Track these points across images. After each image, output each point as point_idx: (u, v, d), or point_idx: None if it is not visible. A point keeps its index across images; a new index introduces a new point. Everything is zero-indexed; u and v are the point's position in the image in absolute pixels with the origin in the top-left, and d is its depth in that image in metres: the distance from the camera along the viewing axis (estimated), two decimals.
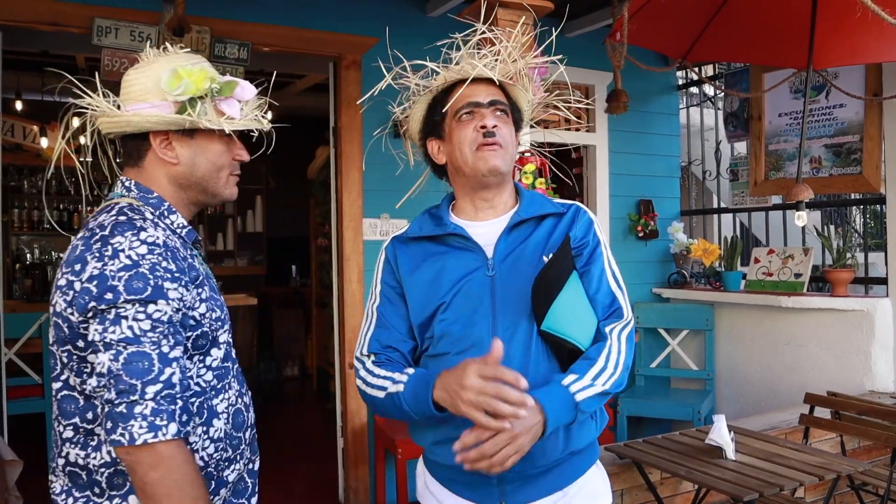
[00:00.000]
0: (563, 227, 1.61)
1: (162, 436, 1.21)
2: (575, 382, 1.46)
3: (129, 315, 1.24)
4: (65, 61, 5.45)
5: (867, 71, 3.92)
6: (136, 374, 1.22)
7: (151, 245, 1.29)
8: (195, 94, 1.38)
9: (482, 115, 1.58)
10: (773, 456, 2.54)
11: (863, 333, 3.85)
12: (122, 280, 1.25)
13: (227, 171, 1.49)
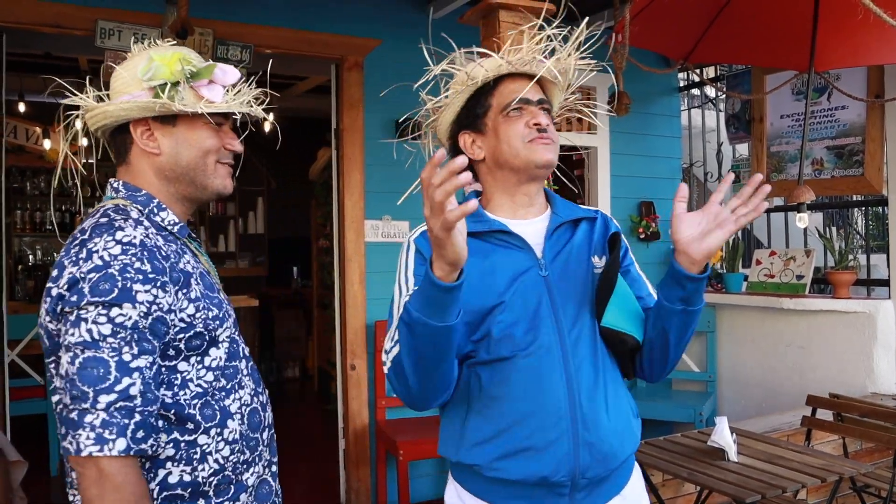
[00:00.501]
0: (600, 229, 1.61)
1: (108, 450, 1.14)
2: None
3: (90, 317, 1.18)
4: (68, 63, 5.47)
5: (869, 73, 3.92)
6: (90, 381, 1.15)
7: (126, 245, 1.23)
8: (169, 78, 1.33)
9: (532, 112, 1.53)
10: (776, 458, 2.54)
11: (865, 335, 3.85)
12: (89, 281, 1.19)
13: (213, 158, 1.41)
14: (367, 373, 4.01)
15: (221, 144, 1.42)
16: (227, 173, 1.45)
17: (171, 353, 1.28)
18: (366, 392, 4.00)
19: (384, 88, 3.98)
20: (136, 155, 1.39)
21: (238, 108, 1.40)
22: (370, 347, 4.01)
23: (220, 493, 1.31)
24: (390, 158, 4.08)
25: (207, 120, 1.38)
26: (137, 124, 1.36)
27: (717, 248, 1.38)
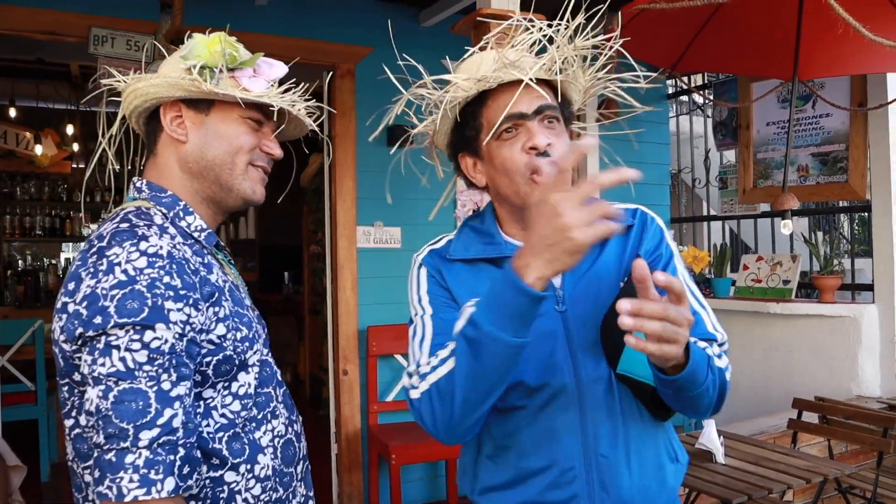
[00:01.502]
0: (634, 239, 1.32)
1: (156, 493, 1.01)
2: (699, 342, 1.20)
3: (122, 344, 1.03)
4: (59, 69, 5.48)
5: (852, 81, 3.99)
6: (129, 417, 1.01)
7: (153, 257, 1.09)
8: (206, 58, 1.20)
9: (529, 130, 1.25)
10: (762, 460, 2.58)
11: (850, 339, 3.91)
12: (114, 300, 1.04)
13: (244, 158, 1.25)
14: (359, 378, 4.03)
15: (257, 145, 1.27)
16: (258, 178, 1.29)
17: (197, 379, 1.14)
18: (358, 397, 4.03)
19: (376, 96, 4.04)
20: (164, 144, 1.26)
21: (278, 101, 1.24)
22: (362, 353, 4.04)
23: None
24: (382, 165, 4.13)
25: (243, 114, 1.24)
26: (168, 108, 1.23)
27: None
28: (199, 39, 1.22)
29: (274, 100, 1.24)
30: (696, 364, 1.10)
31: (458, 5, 3.88)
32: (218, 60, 1.20)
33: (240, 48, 1.25)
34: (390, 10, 4.18)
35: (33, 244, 7.52)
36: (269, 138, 1.29)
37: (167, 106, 1.23)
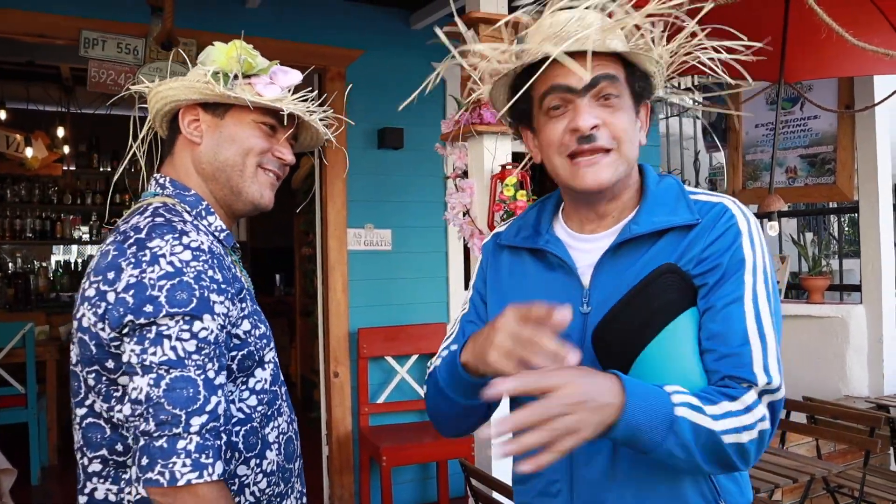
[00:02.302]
0: (688, 241, 1.13)
1: (208, 476, 1.04)
2: (680, 392, 1.01)
3: (173, 334, 1.07)
4: (50, 71, 5.47)
5: (840, 84, 4.03)
6: (181, 403, 1.04)
7: (196, 251, 1.13)
8: (223, 64, 1.24)
9: (576, 108, 1.11)
10: None
11: (838, 339, 3.94)
12: (163, 290, 1.08)
13: (254, 160, 1.28)
14: (350, 380, 4.04)
15: (269, 149, 1.30)
16: (268, 182, 1.31)
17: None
18: (349, 399, 4.03)
19: (367, 98, 4.05)
20: (180, 145, 1.30)
21: (291, 106, 1.27)
22: (353, 355, 4.04)
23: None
24: (373, 167, 4.15)
25: (257, 118, 1.27)
26: (187, 112, 1.28)
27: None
28: (218, 46, 1.26)
29: (285, 104, 1.26)
30: (631, 430, 0.95)
31: (448, 8, 3.88)
32: (233, 66, 1.24)
33: (257, 56, 1.28)
34: (381, 13, 4.20)
35: (24, 247, 7.48)
36: (283, 143, 1.32)
37: (186, 109, 1.28)
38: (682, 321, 1.10)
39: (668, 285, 1.10)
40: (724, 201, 1.16)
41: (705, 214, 1.14)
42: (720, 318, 1.08)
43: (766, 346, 1.07)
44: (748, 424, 1.02)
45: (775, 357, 1.07)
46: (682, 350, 1.09)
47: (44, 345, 4.95)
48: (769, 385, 1.05)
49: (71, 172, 7.30)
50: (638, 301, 1.10)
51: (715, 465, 1.03)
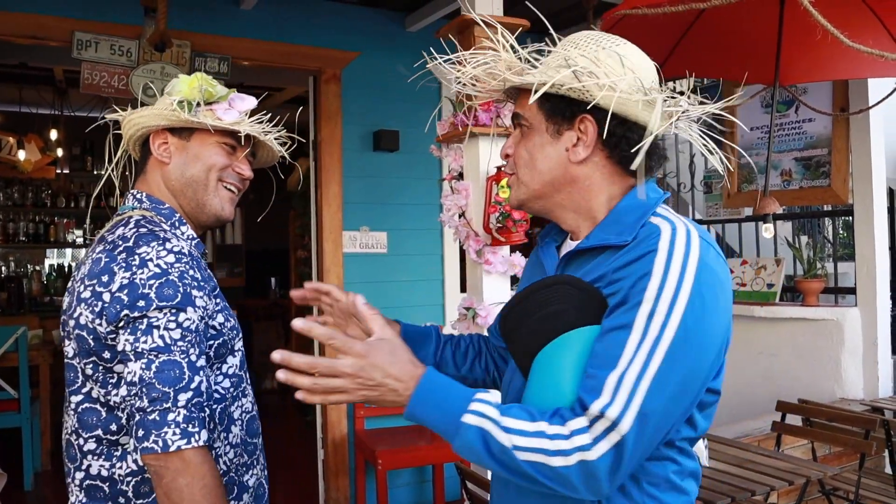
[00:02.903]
0: (614, 261, 1.13)
1: (195, 442, 1.23)
2: (487, 405, 1.06)
3: (161, 324, 1.26)
4: (43, 73, 5.45)
5: (834, 87, 4.03)
6: (169, 382, 1.23)
7: (178, 254, 1.32)
8: (186, 94, 1.44)
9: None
10: (746, 462, 2.60)
11: (833, 342, 3.94)
12: (152, 288, 1.27)
13: (216, 175, 1.48)
14: None
15: (229, 165, 1.50)
16: (228, 197, 1.51)
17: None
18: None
19: (361, 100, 4.05)
20: (151, 165, 1.49)
21: (247, 128, 1.47)
22: None
23: (226, 493, 1.38)
24: (368, 170, 4.14)
25: (219, 139, 1.47)
26: (157, 136, 1.47)
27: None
28: (182, 78, 1.47)
29: (241, 126, 1.47)
30: (414, 420, 1.08)
31: (444, 10, 3.89)
32: (195, 95, 1.44)
33: (216, 85, 1.48)
34: (376, 14, 4.19)
35: (17, 250, 7.45)
36: (242, 161, 1.52)
37: (155, 134, 1.48)
38: (577, 335, 1.10)
39: (561, 296, 1.13)
40: (665, 226, 1.11)
41: (643, 236, 1.12)
42: (603, 340, 1.07)
43: (624, 377, 1.02)
44: (562, 450, 1.01)
45: (635, 393, 1.01)
46: (564, 362, 1.10)
47: (37, 349, 4.93)
48: (605, 414, 1.00)
49: (64, 175, 7.26)
50: (527, 304, 1.16)
51: (537, 485, 1.04)
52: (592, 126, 1.17)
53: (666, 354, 1.03)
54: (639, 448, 1.02)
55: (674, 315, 1.03)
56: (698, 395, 1.12)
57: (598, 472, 1.01)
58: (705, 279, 1.06)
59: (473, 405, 1.05)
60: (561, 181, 1.22)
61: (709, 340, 1.08)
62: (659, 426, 1.05)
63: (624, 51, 1.20)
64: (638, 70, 1.18)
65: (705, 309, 1.06)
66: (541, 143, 1.22)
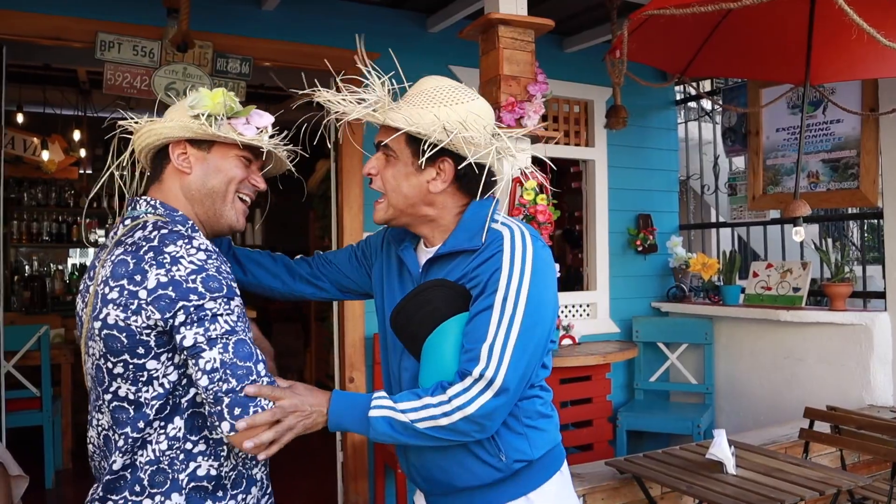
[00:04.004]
0: (471, 262, 1.50)
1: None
2: (383, 399, 1.44)
3: (222, 311, 1.34)
4: (67, 74, 5.49)
5: (863, 86, 3.95)
6: (247, 358, 1.34)
7: (207, 251, 1.39)
8: (210, 108, 1.49)
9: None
10: (774, 471, 2.54)
11: (861, 347, 3.86)
12: (197, 282, 1.34)
13: (234, 187, 1.55)
14: (365, 385, 4.00)
15: (246, 177, 1.57)
16: (242, 209, 1.59)
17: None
18: None
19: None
20: (169, 174, 1.53)
21: (266, 144, 1.55)
22: (368, 360, 4.01)
23: (235, 485, 1.46)
24: None
25: (238, 153, 1.53)
26: (176, 146, 1.52)
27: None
28: (205, 93, 1.51)
29: (265, 143, 1.55)
30: (338, 427, 1.42)
31: (466, 10, 3.86)
32: (220, 110, 1.50)
33: (237, 101, 1.54)
34: (397, 16, 4.17)
35: (40, 250, 7.52)
36: (257, 173, 1.61)
37: (175, 144, 1.52)
38: (450, 324, 1.47)
39: (435, 296, 1.50)
40: (505, 231, 1.50)
41: (489, 241, 1.49)
42: (473, 322, 1.45)
43: (493, 345, 1.41)
44: (446, 411, 1.39)
45: (504, 357, 1.40)
46: (445, 345, 1.47)
47: (59, 348, 4.95)
48: (484, 375, 1.39)
49: (87, 176, 7.32)
50: (410, 305, 1.52)
51: (444, 440, 1.43)
52: (450, 166, 1.50)
53: (521, 324, 1.42)
54: (514, 391, 1.42)
55: (521, 295, 1.43)
56: (546, 347, 1.53)
57: (480, 419, 1.40)
58: (538, 265, 1.46)
59: (374, 402, 1.42)
60: (421, 203, 1.54)
61: (546, 308, 1.48)
62: (525, 373, 1.45)
63: (478, 107, 1.52)
64: (487, 124, 1.53)
65: (542, 287, 1.46)
66: (405, 173, 1.52)
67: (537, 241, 1.51)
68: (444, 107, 1.49)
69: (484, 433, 1.44)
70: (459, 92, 1.52)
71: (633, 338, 4.83)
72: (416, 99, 1.53)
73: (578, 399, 4.16)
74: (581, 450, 4.20)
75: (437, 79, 1.57)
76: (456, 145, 1.46)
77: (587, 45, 4.61)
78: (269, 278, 1.82)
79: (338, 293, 1.86)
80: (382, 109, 1.51)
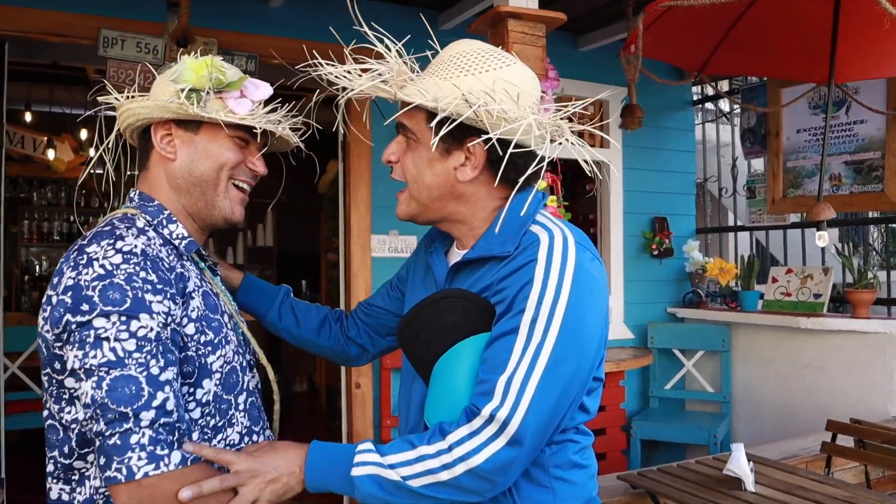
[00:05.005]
0: (499, 271, 1.23)
1: (164, 466, 1.07)
2: (368, 453, 1.17)
3: (111, 335, 1.09)
4: (75, 73, 5.44)
5: (889, 85, 3.81)
6: (125, 401, 1.07)
7: (127, 254, 1.16)
8: (194, 82, 1.27)
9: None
10: (795, 488, 2.42)
11: (885, 357, 3.72)
12: (96, 290, 1.11)
13: (227, 174, 1.33)
14: (372, 391, 3.92)
15: (242, 160, 1.35)
16: (238, 198, 1.37)
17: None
18: (371, 411, 3.90)
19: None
20: (154, 161, 1.34)
21: (262, 123, 1.31)
22: (375, 366, 3.92)
23: None
24: None
25: (231, 133, 1.31)
26: (159, 127, 1.31)
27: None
28: (188, 64, 1.29)
29: (256, 121, 1.31)
30: (317, 490, 1.17)
31: (478, 6, 3.77)
32: (205, 84, 1.27)
33: (227, 70, 1.31)
34: (407, 13, 4.08)
35: (51, 250, 7.50)
36: (255, 155, 1.37)
37: (158, 125, 1.31)
38: (469, 343, 1.21)
39: (451, 308, 1.23)
40: (543, 236, 1.21)
41: (524, 246, 1.21)
42: (492, 347, 1.17)
43: (512, 379, 1.12)
44: (446, 464, 1.12)
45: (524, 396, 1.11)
46: (459, 371, 1.21)
47: None
48: (495, 416, 1.11)
49: (97, 175, 7.28)
50: (421, 317, 1.26)
51: (447, 500, 1.15)
52: (481, 149, 1.23)
53: (551, 355, 1.13)
54: (533, 442, 1.13)
55: (555, 319, 1.14)
56: (584, 386, 1.22)
57: (489, 474, 1.11)
58: (582, 282, 1.17)
59: (357, 458, 1.15)
60: (448, 197, 1.29)
61: (588, 338, 1.18)
62: (551, 419, 1.15)
63: (512, 74, 1.24)
64: (524, 94, 1.24)
65: (583, 310, 1.16)
66: (428, 158, 1.27)
67: (584, 252, 1.22)
68: (469, 75, 1.23)
69: (495, 490, 1.16)
70: (490, 57, 1.26)
71: (648, 344, 4.71)
72: (437, 68, 1.29)
73: None
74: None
75: (466, 43, 1.31)
76: (485, 121, 1.19)
77: (603, 44, 4.49)
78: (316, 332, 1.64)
79: (382, 341, 1.62)
80: (394, 82, 1.29)
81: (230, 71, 1.32)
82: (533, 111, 1.25)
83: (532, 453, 1.16)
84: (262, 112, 1.35)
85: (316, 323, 1.63)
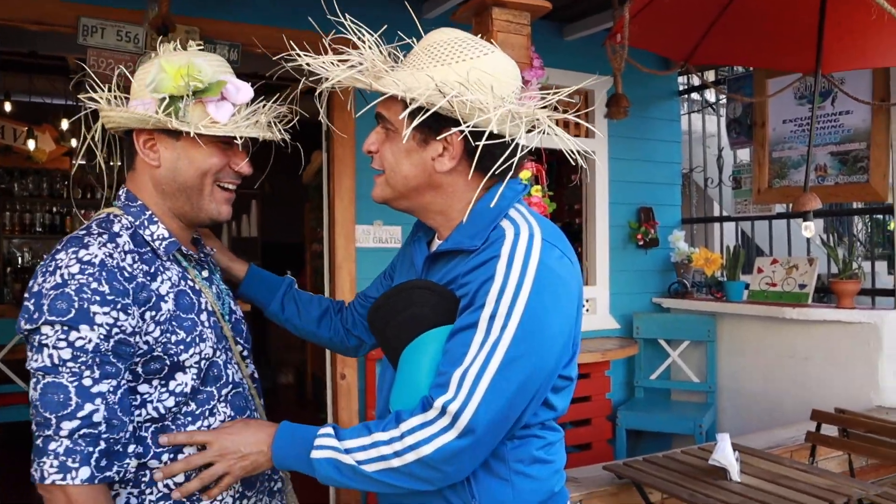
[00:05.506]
0: (465, 265, 1.24)
1: (70, 479, 1.11)
2: (327, 437, 1.21)
3: (50, 343, 1.14)
4: (55, 62, 5.37)
5: (874, 76, 3.82)
6: (51, 408, 1.13)
7: (85, 264, 1.18)
8: (172, 91, 1.26)
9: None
10: (780, 477, 2.43)
11: (870, 347, 3.74)
12: (49, 298, 1.15)
13: (211, 179, 1.33)
14: (357, 382, 3.90)
15: (226, 163, 1.35)
16: (223, 199, 1.38)
17: (128, 377, 1.23)
18: (356, 402, 3.89)
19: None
20: (140, 164, 1.34)
21: (244, 131, 1.30)
22: (360, 356, 3.90)
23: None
24: None
25: (213, 137, 1.30)
26: (140, 133, 1.31)
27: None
28: (167, 70, 1.26)
29: (237, 130, 1.29)
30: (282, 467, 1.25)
31: None
32: (183, 92, 1.26)
33: (204, 71, 1.29)
34: (392, 2, 4.04)
35: (34, 241, 7.42)
36: (239, 156, 1.37)
37: (140, 131, 1.30)
38: (433, 334, 1.22)
39: (417, 300, 1.25)
40: (509, 231, 1.21)
41: (491, 240, 1.22)
42: (453, 340, 1.18)
43: (466, 374, 1.13)
44: (398, 451, 1.14)
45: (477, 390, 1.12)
46: (423, 362, 1.22)
47: None
48: (446, 409, 1.12)
49: (80, 166, 7.21)
50: (389, 304, 1.28)
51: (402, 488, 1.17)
52: (458, 139, 1.23)
53: (506, 352, 1.13)
54: (485, 436, 1.14)
55: (513, 316, 1.14)
56: (546, 385, 1.22)
57: (438, 464, 1.13)
58: (544, 280, 1.16)
59: (317, 441, 1.20)
60: (426, 187, 1.29)
61: (550, 336, 1.17)
62: (506, 416, 1.15)
63: (488, 63, 1.23)
64: (501, 83, 1.24)
65: (544, 308, 1.15)
66: (406, 149, 1.27)
67: (551, 249, 1.21)
68: (444, 65, 1.23)
69: (447, 480, 1.17)
70: (466, 46, 1.25)
71: (634, 334, 4.71)
72: (414, 58, 1.29)
73: (577, 397, 4.04)
74: (579, 449, 4.09)
75: (444, 31, 1.30)
76: (458, 111, 1.19)
77: (589, 33, 4.47)
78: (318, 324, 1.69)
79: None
80: (370, 72, 1.29)
81: (209, 72, 1.30)
82: (511, 101, 1.25)
83: (485, 447, 1.17)
84: (245, 114, 1.34)
85: (317, 314, 1.66)
